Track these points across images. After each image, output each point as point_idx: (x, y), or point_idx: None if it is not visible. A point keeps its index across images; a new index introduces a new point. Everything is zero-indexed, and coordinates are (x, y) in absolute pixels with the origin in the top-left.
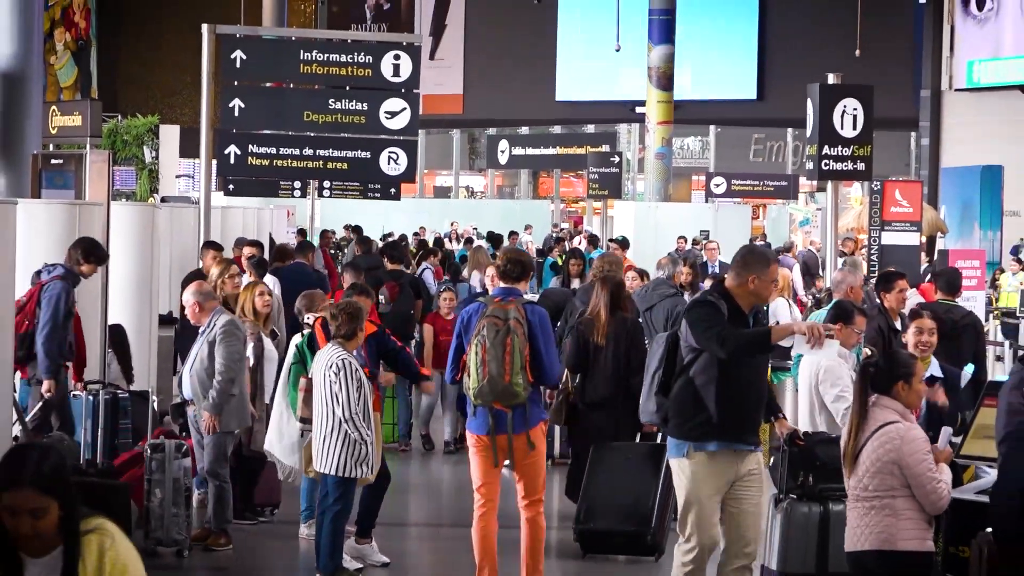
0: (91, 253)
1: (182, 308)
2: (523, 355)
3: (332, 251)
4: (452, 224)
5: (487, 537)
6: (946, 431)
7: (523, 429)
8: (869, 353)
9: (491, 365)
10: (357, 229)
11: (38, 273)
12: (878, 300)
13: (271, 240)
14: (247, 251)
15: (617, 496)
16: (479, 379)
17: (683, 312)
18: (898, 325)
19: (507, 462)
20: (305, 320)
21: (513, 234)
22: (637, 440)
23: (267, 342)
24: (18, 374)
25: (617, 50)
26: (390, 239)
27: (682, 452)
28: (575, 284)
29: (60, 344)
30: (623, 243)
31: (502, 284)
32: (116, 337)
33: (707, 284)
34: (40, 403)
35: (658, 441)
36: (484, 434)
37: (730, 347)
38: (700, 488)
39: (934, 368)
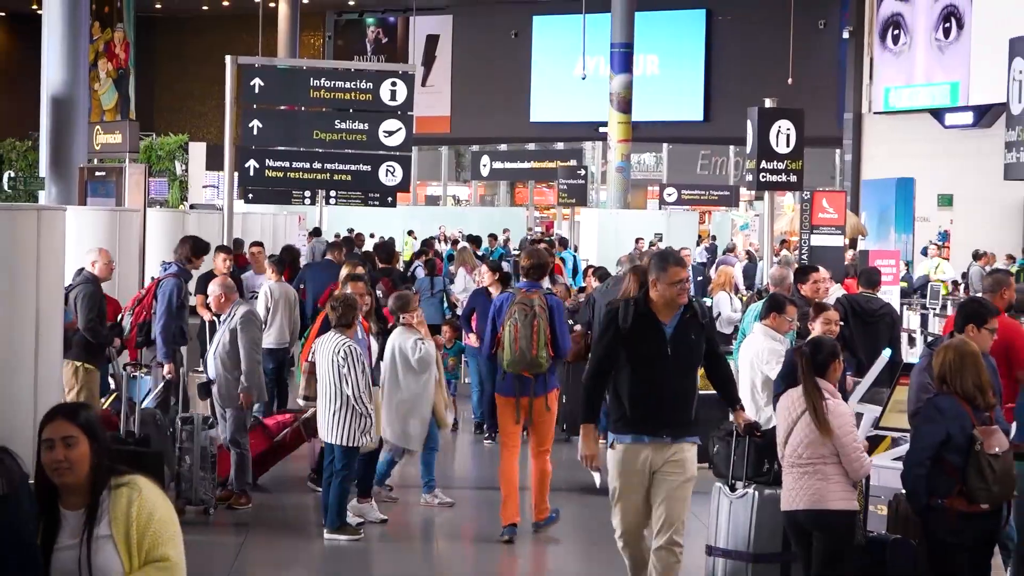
0: (197, 249)
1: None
2: (545, 334)
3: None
4: (440, 228)
5: (510, 471)
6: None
7: (542, 393)
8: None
9: (522, 341)
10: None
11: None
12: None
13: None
14: (255, 249)
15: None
16: (512, 352)
17: None
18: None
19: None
20: (401, 320)
21: (492, 237)
22: None
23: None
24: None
25: (583, 78)
26: (379, 241)
27: (609, 443)
28: (545, 280)
29: (174, 332)
30: (561, 242)
31: (525, 279)
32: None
33: None
34: (162, 383)
35: None
36: (511, 396)
37: (585, 386)
38: (619, 476)
39: None
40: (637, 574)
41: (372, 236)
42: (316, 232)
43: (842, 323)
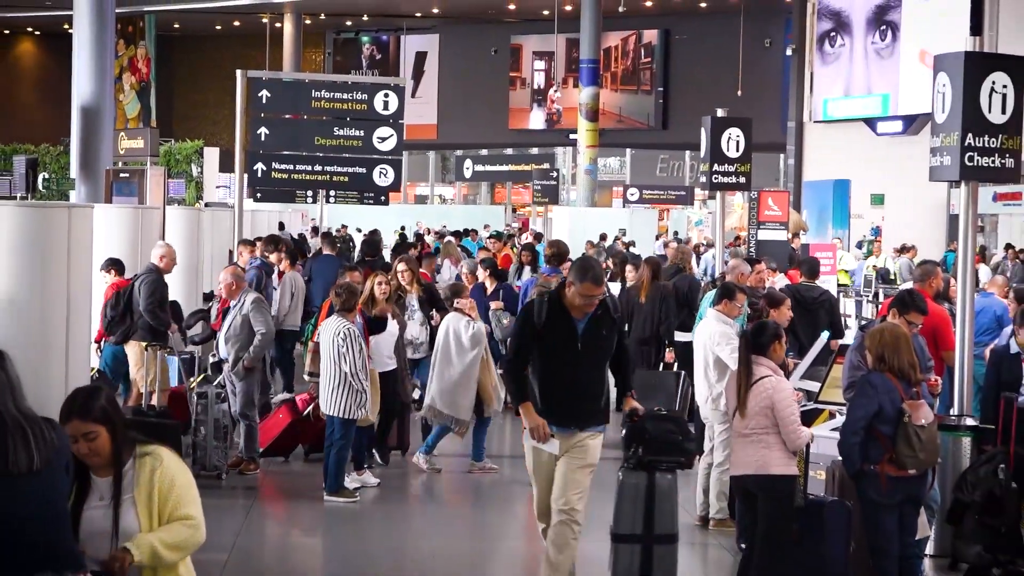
0: (271, 243)
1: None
2: None
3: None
4: (418, 223)
5: None
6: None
7: None
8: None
9: None
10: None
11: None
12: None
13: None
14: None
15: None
16: None
17: None
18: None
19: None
20: (455, 305)
21: (473, 231)
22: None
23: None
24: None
25: (555, 90)
26: (365, 236)
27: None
28: (527, 271)
29: None
30: (536, 236)
31: (547, 265)
32: (174, 311)
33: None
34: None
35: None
36: None
37: (505, 374)
38: (533, 460)
39: None
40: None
41: (359, 231)
42: (315, 231)
43: None
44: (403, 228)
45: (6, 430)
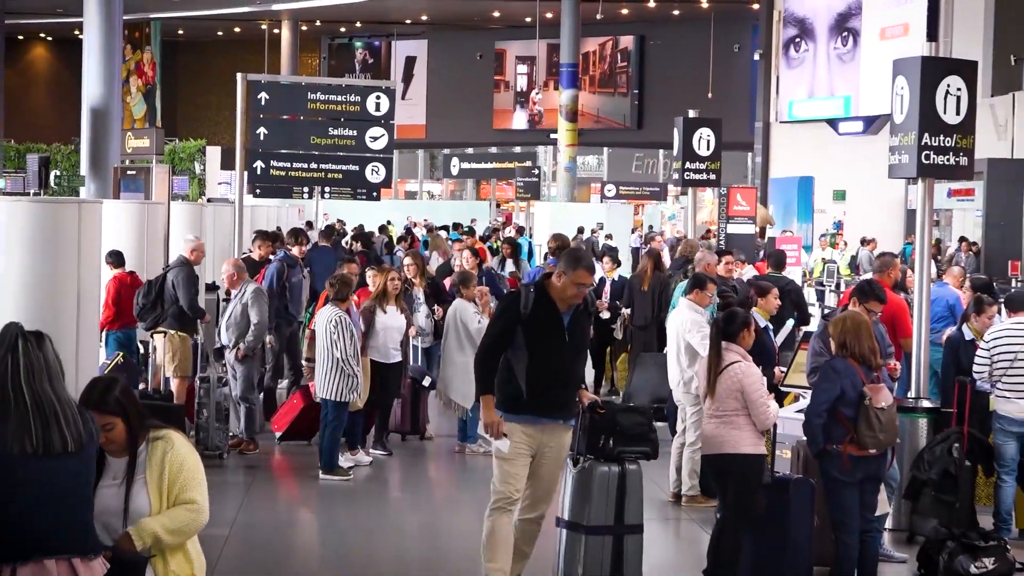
0: (294, 236)
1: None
2: None
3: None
4: (408, 218)
5: None
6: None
7: None
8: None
9: None
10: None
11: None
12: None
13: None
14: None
15: (649, 384)
16: None
17: None
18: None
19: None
20: (462, 293)
21: (458, 226)
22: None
23: (379, 312)
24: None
25: (537, 93)
26: (356, 230)
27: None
28: (509, 263)
29: (276, 307)
30: (519, 230)
31: (552, 257)
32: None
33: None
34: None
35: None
36: None
37: (477, 360)
38: (509, 451)
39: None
40: (498, 537)
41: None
42: (309, 225)
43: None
44: (388, 222)
45: (40, 411)
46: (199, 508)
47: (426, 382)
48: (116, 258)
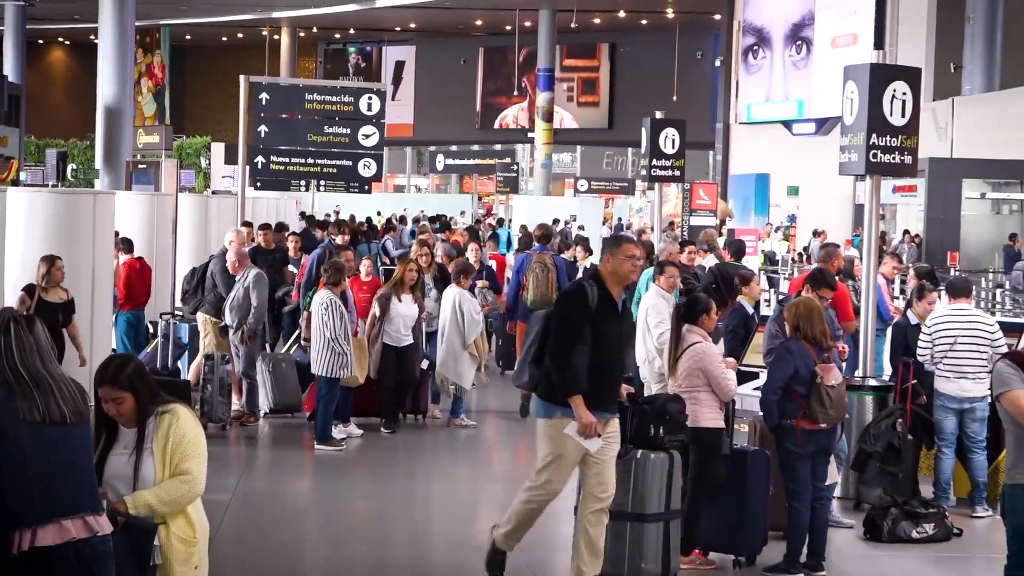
0: (339, 226)
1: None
2: (555, 282)
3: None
4: (404, 209)
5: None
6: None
7: None
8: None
9: (541, 287)
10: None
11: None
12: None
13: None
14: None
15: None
16: (535, 293)
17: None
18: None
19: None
20: (459, 281)
21: (443, 216)
22: None
23: (394, 301)
24: None
25: (516, 94)
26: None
27: (552, 415)
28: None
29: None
30: (499, 222)
31: (538, 244)
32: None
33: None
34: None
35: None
36: None
37: (559, 362)
38: (567, 447)
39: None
40: (525, 528)
41: (329, 216)
42: (302, 215)
43: (714, 285)
44: (379, 213)
45: (39, 386)
46: (193, 479)
47: (424, 364)
48: (126, 245)
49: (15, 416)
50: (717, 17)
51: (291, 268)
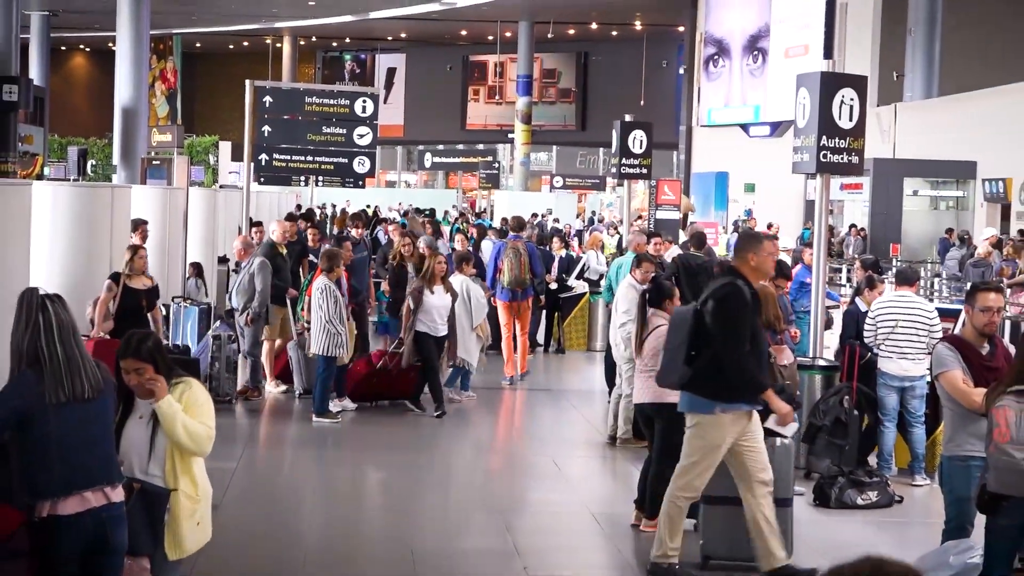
0: (355, 219)
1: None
2: (527, 265)
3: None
4: (399, 203)
5: (508, 345)
6: None
7: (525, 298)
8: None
9: (515, 270)
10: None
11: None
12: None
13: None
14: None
15: None
16: (510, 275)
17: (714, 294)
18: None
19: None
20: (463, 270)
21: (432, 211)
22: None
23: (427, 293)
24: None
25: (498, 100)
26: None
27: (709, 410)
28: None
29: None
30: (477, 215)
31: (513, 233)
32: (197, 270)
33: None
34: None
35: None
36: (511, 301)
37: (739, 364)
38: (723, 440)
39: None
40: (679, 528)
41: (322, 208)
42: (298, 208)
43: (676, 274)
44: (368, 206)
45: (70, 363)
46: (211, 433)
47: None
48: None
49: (42, 400)
50: (681, 29)
51: (312, 259)
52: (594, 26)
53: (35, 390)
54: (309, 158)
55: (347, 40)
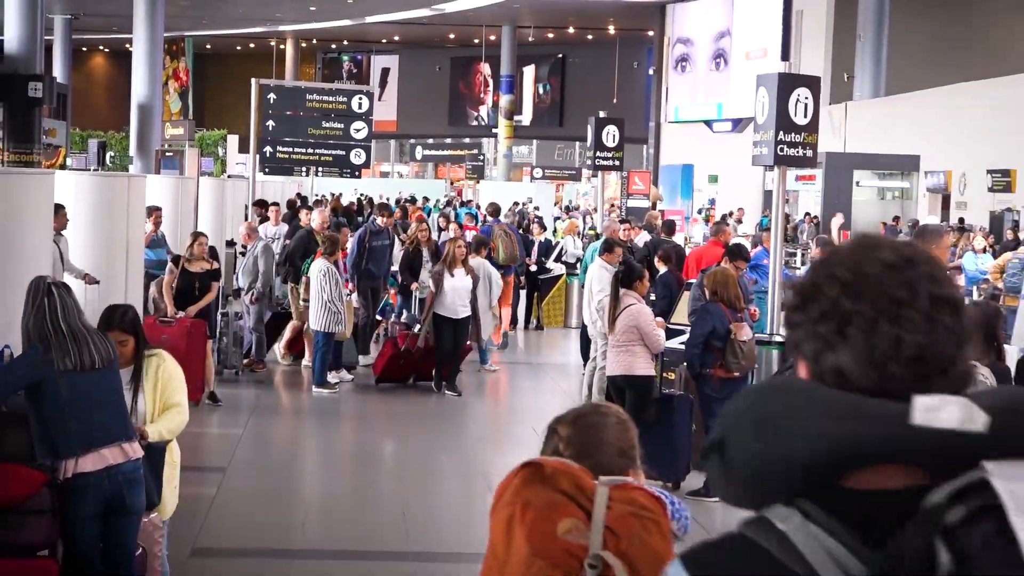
0: (383, 208)
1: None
2: (517, 243)
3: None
4: (399, 192)
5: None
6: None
7: (510, 274)
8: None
9: (509, 249)
10: (304, 198)
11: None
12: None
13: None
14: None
15: None
16: (505, 253)
17: None
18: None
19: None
20: (480, 253)
21: (412, 197)
22: None
23: (447, 276)
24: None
25: (483, 98)
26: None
27: None
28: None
29: (362, 267)
30: (464, 203)
31: (491, 218)
32: (211, 253)
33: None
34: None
35: None
36: (502, 276)
37: None
38: None
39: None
40: None
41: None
42: (298, 196)
43: (647, 256)
44: (362, 194)
45: (75, 338)
46: (183, 408)
47: (417, 328)
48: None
49: (51, 367)
50: (650, 33)
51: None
52: (571, 30)
53: (43, 359)
54: (310, 150)
55: (345, 42)
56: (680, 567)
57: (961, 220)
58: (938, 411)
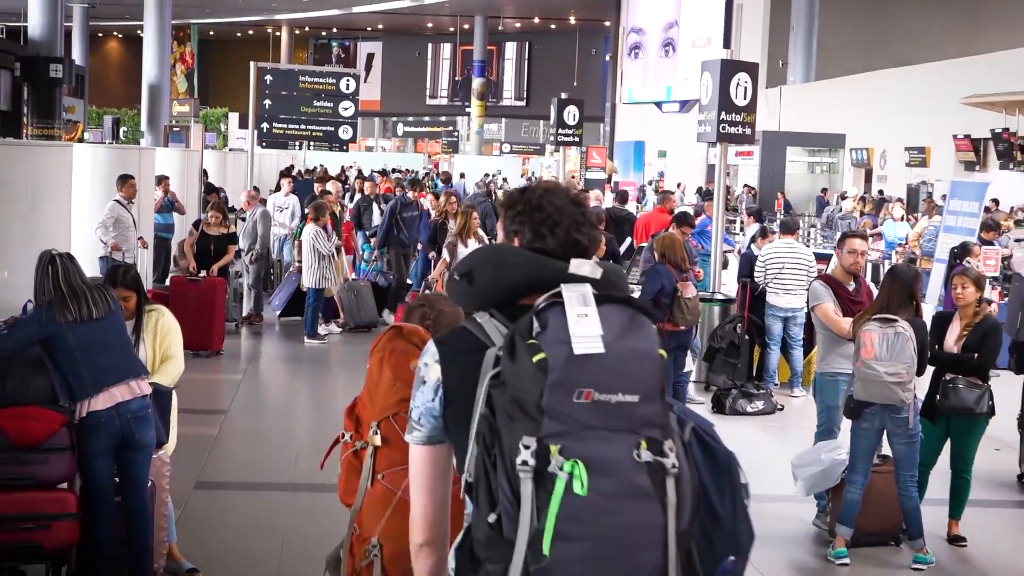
0: (414, 183)
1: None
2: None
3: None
4: (384, 165)
5: None
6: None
7: None
8: None
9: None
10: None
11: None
12: None
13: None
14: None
15: None
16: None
17: None
18: None
19: None
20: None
21: (383, 169)
22: None
23: (460, 246)
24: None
25: (458, 80)
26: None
27: None
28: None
29: (390, 231)
30: (443, 174)
31: (442, 184)
32: (230, 212)
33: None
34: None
35: None
36: None
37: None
38: None
39: None
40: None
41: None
42: (289, 169)
43: (604, 223)
44: (351, 166)
45: (75, 294)
46: (179, 359)
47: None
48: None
49: (55, 323)
50: (607, 23)
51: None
52: (536, 20)
53: (47, 316)
54: (302, 127)
55: (334, 30)
56: (432, 342)
57: (881, 192)
58: (581, 267)
